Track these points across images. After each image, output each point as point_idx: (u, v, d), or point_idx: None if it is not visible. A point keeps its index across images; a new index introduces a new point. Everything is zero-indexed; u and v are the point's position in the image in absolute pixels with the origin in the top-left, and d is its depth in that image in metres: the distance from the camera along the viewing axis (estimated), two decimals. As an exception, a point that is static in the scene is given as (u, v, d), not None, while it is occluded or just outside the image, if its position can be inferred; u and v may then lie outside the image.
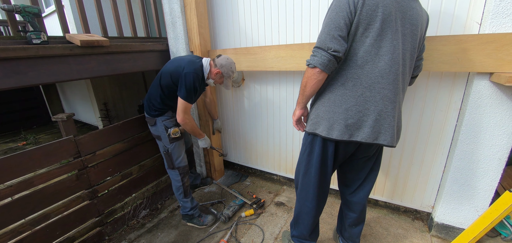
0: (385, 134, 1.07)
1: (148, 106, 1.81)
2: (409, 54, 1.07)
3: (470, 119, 1.44)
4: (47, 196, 1.60)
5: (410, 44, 1.06)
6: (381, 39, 0.99)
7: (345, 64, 1.07)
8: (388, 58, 1.01)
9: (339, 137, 1.10)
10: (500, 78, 1.23)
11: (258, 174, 2.74)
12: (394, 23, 0.99)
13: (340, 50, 1.01)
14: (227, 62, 1.77)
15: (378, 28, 0.98)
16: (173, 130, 1.81)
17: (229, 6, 2.19)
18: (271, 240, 1.84)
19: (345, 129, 1.08)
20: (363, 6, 0.96)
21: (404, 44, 1.04)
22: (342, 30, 1.00)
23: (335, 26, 1.00)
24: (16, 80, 1.42)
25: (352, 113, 1.07)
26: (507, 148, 1.40)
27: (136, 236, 1.99)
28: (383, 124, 1.06)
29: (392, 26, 0.99)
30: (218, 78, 1.80)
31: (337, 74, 1.10)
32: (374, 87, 1.03)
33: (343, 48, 1.01)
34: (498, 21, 1.24)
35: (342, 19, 0.99)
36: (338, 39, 1.00)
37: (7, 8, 1.44)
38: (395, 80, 1.03)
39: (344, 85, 1.07)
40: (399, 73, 1.04)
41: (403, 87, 1.10)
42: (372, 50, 1.00)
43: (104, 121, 4.40)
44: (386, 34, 0.99)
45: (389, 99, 1.04)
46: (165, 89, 1.72)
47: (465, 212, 1.62)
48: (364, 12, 0.97)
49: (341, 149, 1.20)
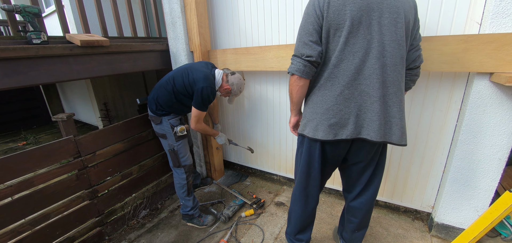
0: (367, 128, 1.07)
1: (154, 105, 1.82)
2: (395, 44, 1.03)
3: (470, 119, 1.44)
4: (47, 196, 1.60)
5: (394, 34, 1.02)
6: (353, 36, 1.01)
7: (324, 66, 1.10)
8: (362, 54, 1.02)
9: (324, 137, 1.10)
10: (500, 78, 1.23)
11: (258, 174, 2.74)
12: (367, 17, 0.99)
13: (312, 54, 1.06)
14: (239, 82, 1.86)
15: (348, 26, 1.00)
16: (180, 128, 1.82)
17: (229, 6, 2.19)
18: (271, 240, 1.84)
19: (329, 129, 1.09)
20: (329, 8, 1.00)
21: (384, 35, 1.01)
22: (312, 35, 1.06)
23: (305, 33, 1.07)
24: (16, 80, 1.42)
25: (333, 112, 1.08)
26: (507, 148, 1.40)
27: (136, 236, 1.99)
28: (365, 118, 1.07)
29: (364, 21, 0.99)
30: (225, 93, 1.89)
31: (318, 76, 1.13)
32: (351, 84, 1.05)
33: (315, 52, 1.06)
34: (498, 21, 1.24)
35: (310, 25, 1.05)
36: (309, 44, 1.06)
37: (7, 8, 1.44)
38: (372, 74, 1.02)
39: (323, 86, 1.10)
40: (377, 67, 1.02)
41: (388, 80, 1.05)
42: (346, 48, 1.03)
43: (104, 121, 4.40)
44: (358, 30, 1.00)
45: (367, 94, 1.04)
46: (179, 96, 1.77)
47: (465, 212, 1.62)
48: (331, 14, 1.00)
49: (329, 151, 1.20)
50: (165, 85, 1.78)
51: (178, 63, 2.33)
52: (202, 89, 1.68)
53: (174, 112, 1.84)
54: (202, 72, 1.73)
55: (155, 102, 1.81)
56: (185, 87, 1.74)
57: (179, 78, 1.76)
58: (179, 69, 1.82)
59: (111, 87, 4.51)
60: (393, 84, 1.06)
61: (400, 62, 1.05)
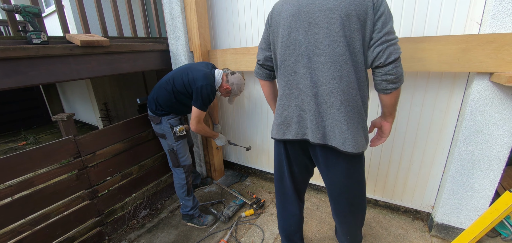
0: (310, 130, 1.09)
1: (154, 105, 1.82)
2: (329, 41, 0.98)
3: (470, 119, 1.44)
4: (47, 196, 1.60)
5: (327, 31, 0.97)
6: (286, 40, 1.08)
7: (275, 69, 1.23)
8: (296, 54, 1.07)
9: (275, 136, 1.20)
10: (500, 78, 1.23)
11: (258, 174, 2.74)
12: (296, 20, 1.04)
13: (260, 58, 1.27)
14: (239, 81, 1.86)
15: (282, 32, 1.09)
16: (179, 128, 1.82)
17: (229, 6, 2.19)
18: (271, 240, 1.84)
19: (278, 128, 1.17)
20: (272, 20, 1.14)
21: (315, 34, 1.00)
22: (261, 43, 1.25)
23: (261, 40, 1.27)
24: (16, 80, 1.42)
25: (280, 111, 1.16)
26: (507, 148, 1.40)
27: (136, 236, 1.99)
28: (306, 118, 1.10)
29: (294, 24, 1.05)
30: (225, 93, 1.89)
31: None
32: (291, 83, 1.11)
33: (261, 56, 1.26)
34: (498, 21, 1.24)
35: (263, 34, 1.24)
36: (260, 50, 1.27)
37: (7, 8, 1.44)
38: (305, 73, 1.05)
39: (278, 88, 1.23)
40: (310, 66, 1.04)
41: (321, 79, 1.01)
42: (283, 50, 1.11)
43: (104, 121, 4.40)
44: (290, 34, 1.07)
45: (305, 93, 1.07)
46: (178, 95, 1.77)
47: (465, 212, 1.62)
48: (272, 24, 1.14)
49: (290, 151, 1.24)
50: (165, 85, 1.78)
51: (178, 63, 2.33)
52: (201, 87, 1.68)
53: (173, 112, 1.84)
54: (201, 72, 1.73)
55: (155, 102, 1.81)
56: (185, 87, 1.74)
57: (178, 77, 1.76)
58: (178, 69, 1.82)
59: (111, 87, 4.51)
60: (329, 83, 1.01)
61: (339, 59, 0.98)
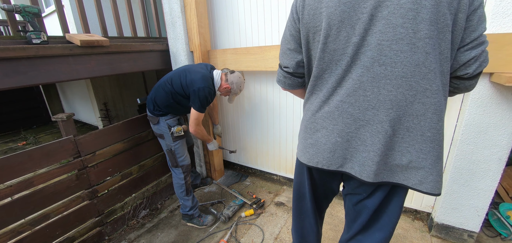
0: (352, 161, 0.81)
1: (152, 105, 1.82)
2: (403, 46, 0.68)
3: (470, 119, 1.44)
4: (47, 196, 1.60)
5: (402, 30, 0.68)
6: (333, 40, 0.76)
7: (309, 76, 0.91)
8: (346, 62, 0.75)
9: (301, 158, 0.93)
10: (500, 78, 1.23)
11: (258, 174, 2.74)
12: (352, 12, 0.71)
13: (288, 65, 0.92)
14: (239, 80, 1.85)
15: (325, 28, 0.76)
16: (177, 129, 1.82)
17: (229, 6, 2.19)
18: (271, 240, 1.84)
19: (304, 150, 0.91)
20: (304, 9, 0.80)
21: (384, 34, 0.69)
22: (290, 43, 0.89)
23: (284, 39, 0.92)
24: (16, 80, 1.42)
25: (310, 131, 0.88)
26: (507, 148, 1.40)
27: (136, 236, 1.99)
28: (349, 148, 0.80)
29: (347, 18, 0.72)
30: (225, 92, 1.88)
31: (307, 87, 0.93)
32: (331, 100, 0.81)
33: (292, 62, 0.90)
34: (498, 21, 1.24)
35: (288, 30, 0.89)
36: (286, 53, 0.92)
37: (7, 8, 1.44)
38: (359, 90, 0.75)
39: (308, 100, 0.91)
40: (367, 79, 0.73)
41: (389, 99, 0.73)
42: (325, 56, 0.79)
43: (104, 121, 4.40)
44: (340, 32, 0.74)
45: (352, 117, 0.77)
46: (176, 97, 1.77)
47: (465, 212, 1.62)
48: (306, 15, 0.80)
49: (315, 176, 1.00)
50: (163, 85, 1.78)
51: (178, 63, 2.33)
52: (198, 90, 1.67)
53: (171, 112, 1.84)
54: (199, 73, 1.73)
55: (153, 102, 1.81)
56: (183, 88, 1.74)
57: (176, 79, 1.76)
58: (177, 70, 1.82)
59: (111, 87, 4.51)
60: (398, 107, 0.72)
61: (417, 73, 0.69)
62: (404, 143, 0.76)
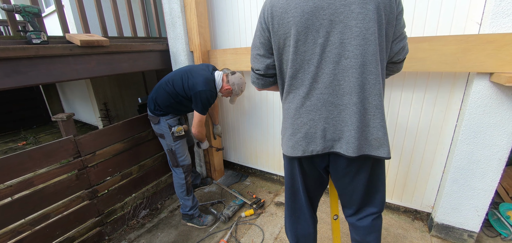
0: (340, 142, 0.95)
1: (153, 105, 1.82)
2: (359, 41, 0.86)
3: (470, 119, 1.44)
4: (47, 196, 1.60)
5: (356, 29, 0.85)
6: (303, 43, 0.90)
7: (283, 78, 1.03)
8: (317, 60, 0.90)
9: (293, 153, 1.01)
10: (500, 78, 1.23)
11: (258, 174, 2.74)
12: (315, 19, 0.87)
13: (260, 68, 1.05)
14: (240, 81, 1.86)
15: (295, 34, 0.89)
16: (177, 129, 1.83)
17: (229, 6, 2.19)
18: (271, 240, 1.84)
19: (296, 144, 1.00)
20: (273, 20, 0.93)
21: (343, 34, 0.86)
22: (259, 49, 1.03)
23: (254, 46, 1.06)
24: (16, 80, 1.42)
25: (297, 126, 0.99)
26: (507, 148, 1.40)
27: (136, 236, 1.99)
28: (335, 131, 0.95)
29: (311, 24, 0.87)
30: (227, 93, 1.89)
31: (282, 89, 1.06)
32: (312, 94, 0.94)
33: (262, 65, 1.04)
34: (498, 21, 1.24)
35: (257, 38, 1.03)
36: (257, 58, 1.05)
37: (7, 8, 1.44)
38: (333, 81, 0.90)
39: (286, 99, 1.03)
40: (338, 71, 0.89)
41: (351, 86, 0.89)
42: (297, 57, 0.93)
43: (104, 121, 4.40)
44: (307, 36, 0.89)
45: (332, 103, 0.92)
46: (177, 97, 1.78)
47: (465, 212, 1.62)
48: (276, 25, 0.93)
49: (306, 165, 1.08)
50: (164, 86, 1.78)
51: (178, 63, 2.34)
52: (200, 93, 1.69)
53: (172, 112, 1.84)
54: (202, 76, 1.73)
55: (154, 102, 1.81)
56: (184, 90, 1.74)
57: (178, 80, 1.76)
58: (179, 71, 1.82)
59: (111, 87, 4.51)
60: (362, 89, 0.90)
61: (370, 61, 0.88)
62: (375, 119, 0.92)
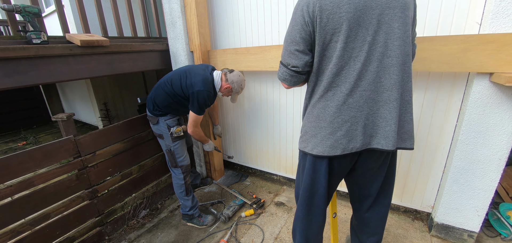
0: (376, 137, 0.99)
1: (152, 106, 1.82)
2: (400, 42, 0.93)
3: (470, 119, 1.44)
4: (47, 196, 1.60)
5: (398, 31, 0.92)
6: (352, 40, 0.92)
7: (321, 74, 1.01)
8: (364, 58, 0.93)
9: (331, 153, 1.00)
10: (500, 78, 1.23)
11: (258, 174, 2.74)
12: (365, 17, 0.90)
13: (298, 65, 1.01)
14: (239, 79, 1.84)
15: (346, 30, 0.90)
16: (176, 129, 1.82)
17: (229, 6, 2.19)
18: (271, 240, 1.84)
19: (335, 143, 0.99)
20: (322, 13, 0.90)
21: (387, 34, 0.92)
22: (299, 44, 0.98)
23: (291, 41, 1.00)
24: (16, 80, 1.42)
25: (338, 124, 0.98)
26: (507, 148, 1.40)
27: (136, 236, 1.99)
28: (373, 127, 0.98)
29: (362, 21, 0.90)
30: (227, 92, 1.87)
31: (316, 86, 1.04)
32: (355, 92, 0.95)
33: (301, 62, 1.00)
34: (498, 21, 1.24)
35: (297, 33, 0.97)
36: (295, 53, 1.00)
37: (7, 8, 1.44)
38: (376, 79, 0.94)
39: (324, 97, 1.01)
40: (380, 70, 0.94)
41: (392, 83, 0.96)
42: (345, 53, 0.93)
43: (104, 121, 4.40)
44: (357, 33, 0.91)
45: (373, 100, 0.96)
46: (176, 97, 1.77)
47: (465, 212, 1.62)
48: (324, 19, 0.91)
49: (336, 165, 1.08)
50: (163, 86, 1.78)
51: (178, 63, 2.34)
52: (197, 92, 1.68)
53: (171, 112, 1.84)
54: (200, 76, 1.72)
55: (153, 102, 1.81)
56: (182, 90, 1.74)
57: (176, 80, 1.76)
58: (177, 71, 1.82)
59: (111, 87, 4.51)
60: (400, 86, 0.96)
61: (407, 61, 0.96)
62: (407, 114, 1.01)
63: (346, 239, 1.79)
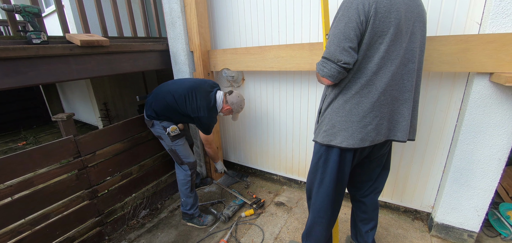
0: (394, 130, 1.14)
1: (150, 111, 1.83)
2: (420, 51, 1.10)
3: (470, 119, 1.44)
4: (47, 196, 1.60)
5: (419, 41, 1.07)
6: (394, 43, 1.00)
7: (359, 72, 1.05)
8: (398, 61, 1.03)
9: (361, 144, 1.09)
10: (500, 78, 1.23)
11: (258, 174, 2.74)
12: (405, 25, 1.00)
13: (350, 62, 1.01)
14: (238, 100, 1.94)
15: (392, 34, 0.98)
16: (171, 128, 1.84)
17: (229, 6, 2.19)
18: (271, 240, 1.84)
19: (366, 136, 1.09)
20: (376, 15, 0.95)
21: (413, 42, 1.05)
22: (353, 42, 0.99)
23: (345, 37, 0.99)
24: (16, 80, 1.42)
25: (370, 119, 1.07)
26: (507, 148, 1.40)
27: (136, 236, 1.99)
28: (393, 122, 1.13)
29: (403, 28, 1.00)
30: (228, 112, 1.97)
31: (350, 82, 1.08)
32: (387, 90, 1.05)
33: (353, 60, 1.01)
34: (498, 21, 1.24)
35: (352, 30, 0.98)
36: (348, 51, 0.99)
37: (7, 8, 1.44)
38: (401, 80, 1.07)
39: (359, 93, 1.06)
40: (405, 72, 1.07)
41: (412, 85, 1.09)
42: (386, 55, 1.01)
43: (104, 121, 4.40)
44: (398, 38, 1.00)
45: (396, 99, 1.09)
46: (177, 113, 1.82)
47: (465, 212, 1.62)
48: (377, 21, 0.96)
49: (358, 155, 1.20)
50: (165, 95, 1.80)
51: (178, 63, 2.34)
52: (201, 118, 1.79)
53: (168, 120, 1.86)
54: (205, 100, 1.79)
55: (151, 108, 1.83)
56: (187, 110, 1.79)
57: (181, 97, 1.77)
58: (182, 86, 1.82)
59: (111, 87, 4.51)
60: (414, 89, 1.12)
61: (421, 67, 1.13)
62: (415, 112, 1.18)
63: (346, 239, 1.79)
